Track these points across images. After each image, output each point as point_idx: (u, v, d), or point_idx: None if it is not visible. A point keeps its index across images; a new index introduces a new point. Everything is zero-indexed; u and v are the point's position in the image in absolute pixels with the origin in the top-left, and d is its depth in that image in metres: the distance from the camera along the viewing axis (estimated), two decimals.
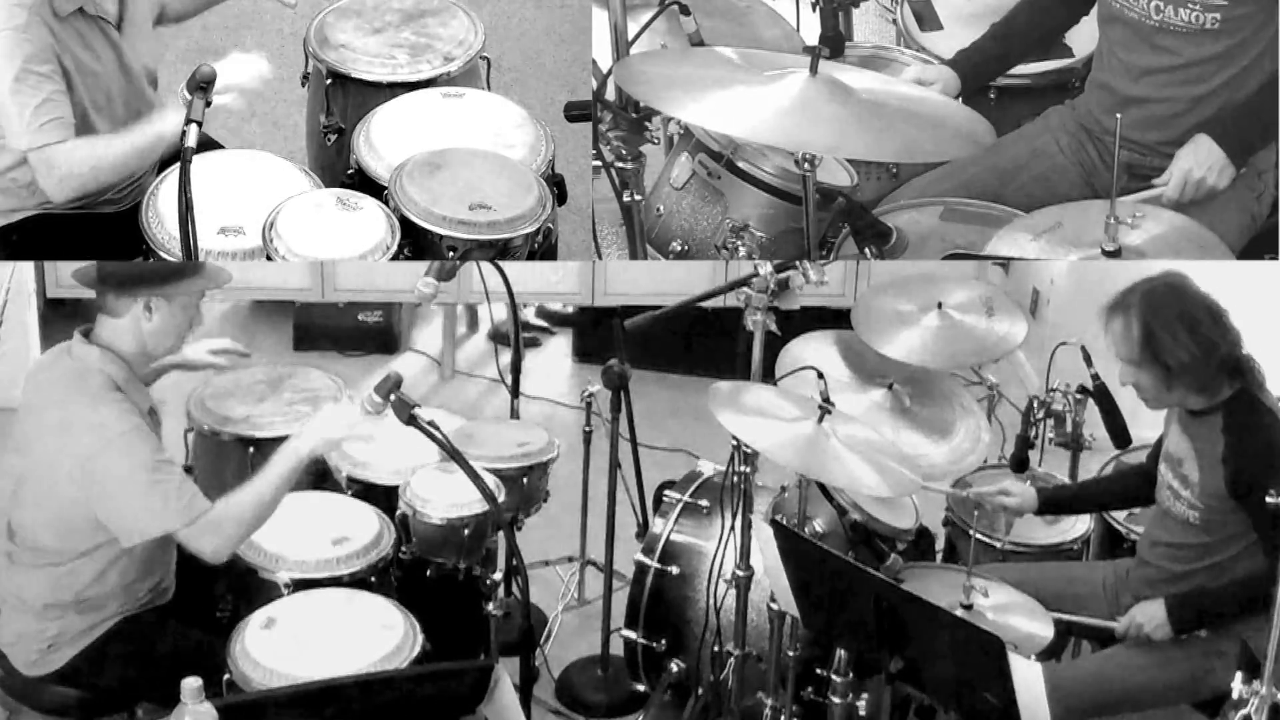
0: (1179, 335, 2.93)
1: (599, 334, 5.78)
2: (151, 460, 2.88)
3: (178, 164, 2.74)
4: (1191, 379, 2.96)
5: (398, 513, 3.32)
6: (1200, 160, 3.12)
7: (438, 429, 3.00)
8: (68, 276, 5.23)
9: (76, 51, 3.00)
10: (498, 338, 5.99)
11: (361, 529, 3.22)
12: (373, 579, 3.15)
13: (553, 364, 5.98)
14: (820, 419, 3.01)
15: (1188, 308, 2.96)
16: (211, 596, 3.14)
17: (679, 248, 3.25)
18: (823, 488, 3.29)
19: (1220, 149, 3.12)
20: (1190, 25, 3.14)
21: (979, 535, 3.26)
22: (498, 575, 3.39)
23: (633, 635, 3.55)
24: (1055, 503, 3.40)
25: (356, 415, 2.98)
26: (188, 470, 3.44)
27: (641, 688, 3.66)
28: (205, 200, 2.91)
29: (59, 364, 3.01)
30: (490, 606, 3.17)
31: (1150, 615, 3.05)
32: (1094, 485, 3.51)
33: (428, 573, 3.33)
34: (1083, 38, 3.54)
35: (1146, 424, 3.31)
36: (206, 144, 3.15)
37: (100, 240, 3.13)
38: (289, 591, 3.05)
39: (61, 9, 2.95)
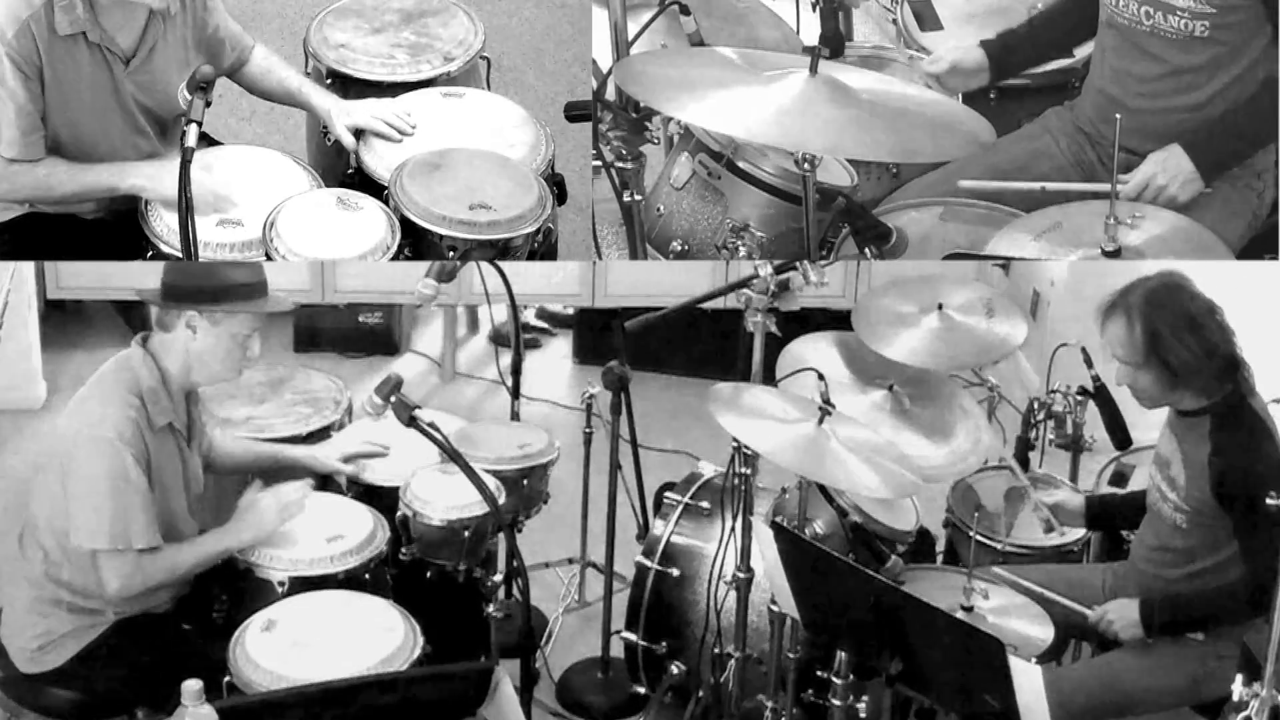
0: (1183, 336, 2.92)
1: (599, 335, 5.79)
2: (114, 474, 2.89)
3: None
4: (1194, 380, 2.96)
5: (398, 514, 3.32)
6: (1167, 168, 3.10)
7: (438, 430, 3.00)
8: (68, 277, 5.31)
9: (63, 72, 2.99)
10: (498, 339, 5.99)
11: (356, 527, 3.22)
12: (367, 576, 3.15)
13: (553, 365, 5.98)
14: (820, 420, 3.00)
15: (1190, 308, 2.95)
16: (207, 597, 3.13)
17: (679, 248, 3.25)
18: (823, 489, 3.28)
19: (1190, 162, 3.09)
20: (1180, 32, 3.13)
21: (979, 537, 3.25)
22: (498, 577, 3.39)
23: (633, 637, 3.55)
24: (1101, 505, 3.39)
25: (285, 501, 3.13)
26: None
27: (642, 690, 3.65)
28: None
29: (110, 361, 3.05)
30: (490, 608, 3.17)
31: (1123, 614, 3.05)
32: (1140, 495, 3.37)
33: (428, 574, 3.32)
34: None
35: (1147, 425, 3.31)
36: (205, 143, 3.15)
37: (97, 240, 3.13)
38: (285, 590, 3.05)
39: (61, 29, 2.95)
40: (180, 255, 2.86)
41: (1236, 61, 3.13)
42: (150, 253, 3.03)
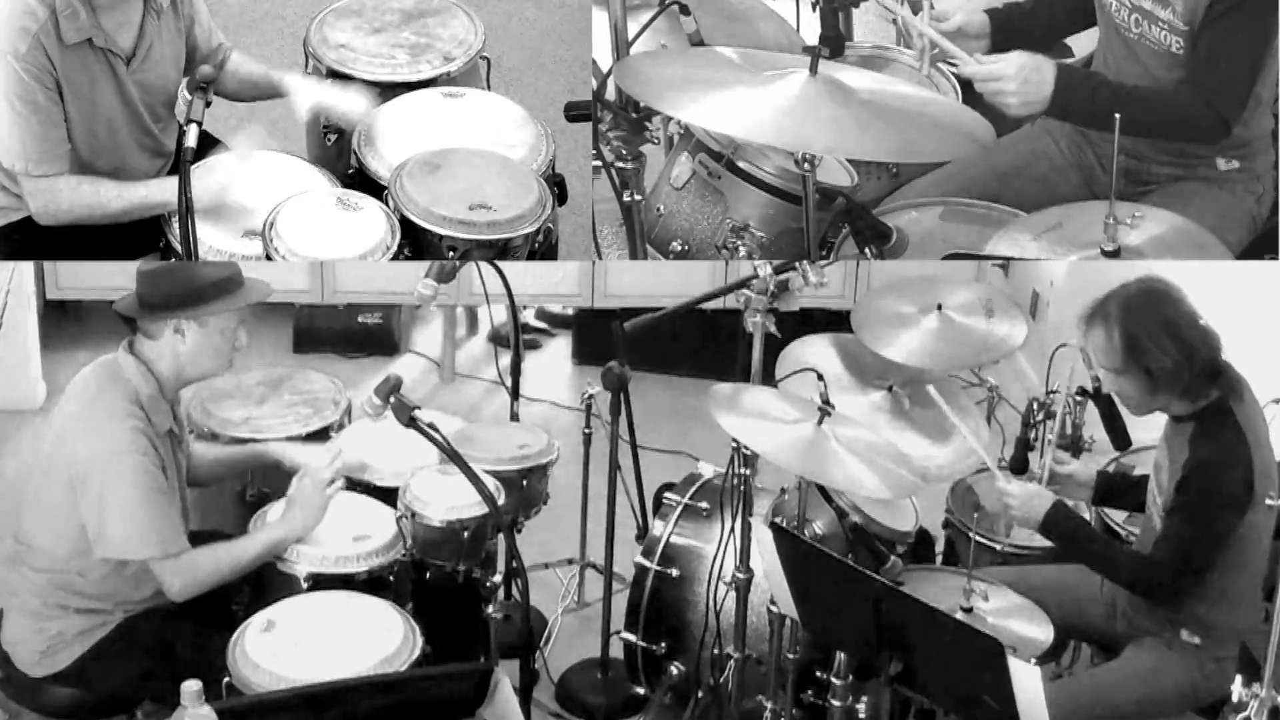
0: (1161, 341, 2.92)
1: (599, 336, 5.78)
2: (145, 485, 2.93)
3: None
4: (1174, 384, 2.96)
5: (396, 515, 3.32)
6: (1025, 79, 2.99)
7: (437, 431, 3.00)
8: (68, 278, 5.31)
9: (77, 81, 3.00)
10: (497, 340, 5.99)
11: (381, 527, 3.23)
12: (390, 578, 3.16)
13: (552, 366, 5.98)
14: (820, 421, 3.00)
15: (1168, 313, 2.95)
16: (228, 589, 3.13)
17: (679, 248, 3.25)
18: (822, 490, 3.28)
19: (1052, 85, 2.98)
20: (1160, 43, 3.13)
21: (979, 538, 3.25)
22: (497, 578, 3.38)
23: (632, 638, 3.55)
24: (1109, 483, 3.38)
25: (325, 478, 3.16)
26: None
27: (641, 690, 3.65)
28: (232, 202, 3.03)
29: (95, 370, 3.06)
30: (490, 609, 3.17)
31: (1027, 509, 3.06)
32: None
33: (427, 575, 3.32)
34: (1082, 38, 3.53)
35: (1146, 426, 3.31)
36: (207, 142, 3.16)
37: (103, 240, 3.13)
38: (308, 586, 3.06)
39: (68, 38, 2.96)
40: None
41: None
42: (169, 255, 3.05)
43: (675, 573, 3.51)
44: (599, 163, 3.21)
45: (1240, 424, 2.95)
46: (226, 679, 2.77)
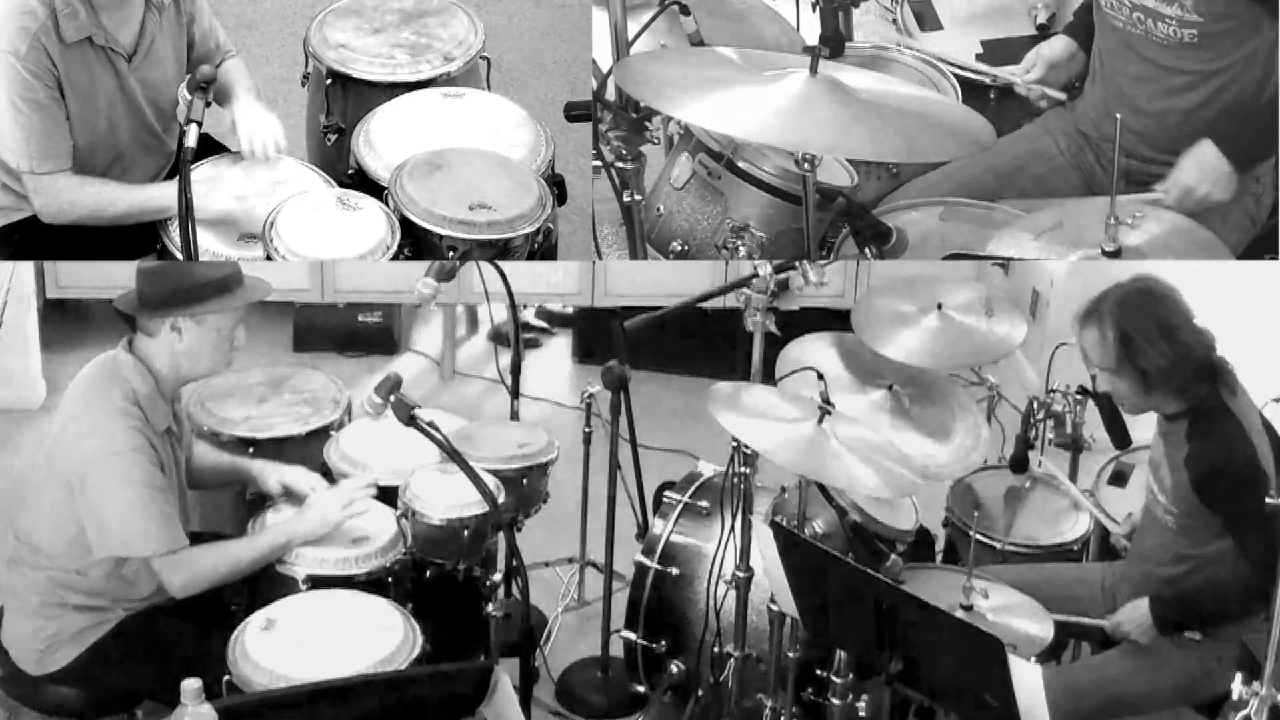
0: (1155, 341, 2.93)
1: (599, 335, 5.78)
2: (143, 483, 2.93)
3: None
4: (1169, 384, 2.97)
5: (397, 513, 3.32)
6: (1205, 174, 3.07)
7: (437, 430, 3.00)
8: (68, 277, 5.31)
9: (78, 79, 3.01)
10: (498, 338, 5.99)
11: (380, 529, 3.23)
12: (389, 580, 3.16)
13: (553, 365, 5.98)
14: (820, 420, 3.00)
15: (1163, 312, 2.96)
16: (226, 589, 3.14)
17: (679, 248, 3.25)
18: (823, 489, 3.28)
19: (1225, 159, 3.06)
20: (1169, 38, 3.13)
21: (979, 536, 3.25)
22: (497, 576, 3.39)
23: (632, 636, 3.55)
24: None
25: (350, 496, 3.17)
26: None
27: (641, 689, 3.65)
28: (231, 205, 3.05)
29: (95, 368, 3.06)
30: (490, 607, 3.17)
31: (1134, 617, 3.07)
32: None
33: (427, 574, 3.32)
34: None
35: (1146, 425, 3.31)
36: (207, 143, 3.16)
37: (103, 239, 3.14)
38: (307, 588, 3.05)
39: (68, 36, 2.96)
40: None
41: (1230, 67, 3.12)
42: (164, 256, 3.06)
43: (675, 571, 3.51)
44: (599, 163, 3.21)
45: (1235, 413, 2.96)
46: (227, 677, 2.77)
